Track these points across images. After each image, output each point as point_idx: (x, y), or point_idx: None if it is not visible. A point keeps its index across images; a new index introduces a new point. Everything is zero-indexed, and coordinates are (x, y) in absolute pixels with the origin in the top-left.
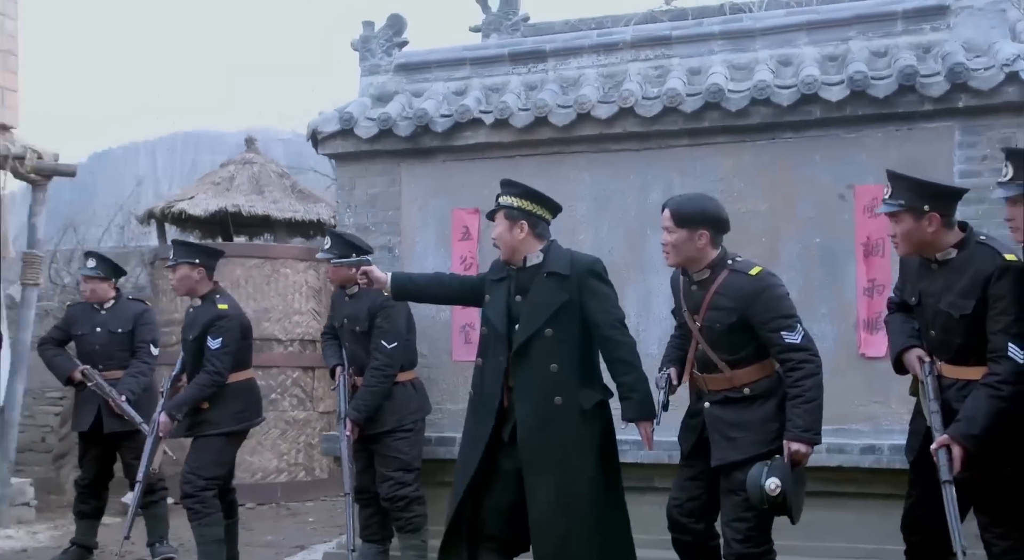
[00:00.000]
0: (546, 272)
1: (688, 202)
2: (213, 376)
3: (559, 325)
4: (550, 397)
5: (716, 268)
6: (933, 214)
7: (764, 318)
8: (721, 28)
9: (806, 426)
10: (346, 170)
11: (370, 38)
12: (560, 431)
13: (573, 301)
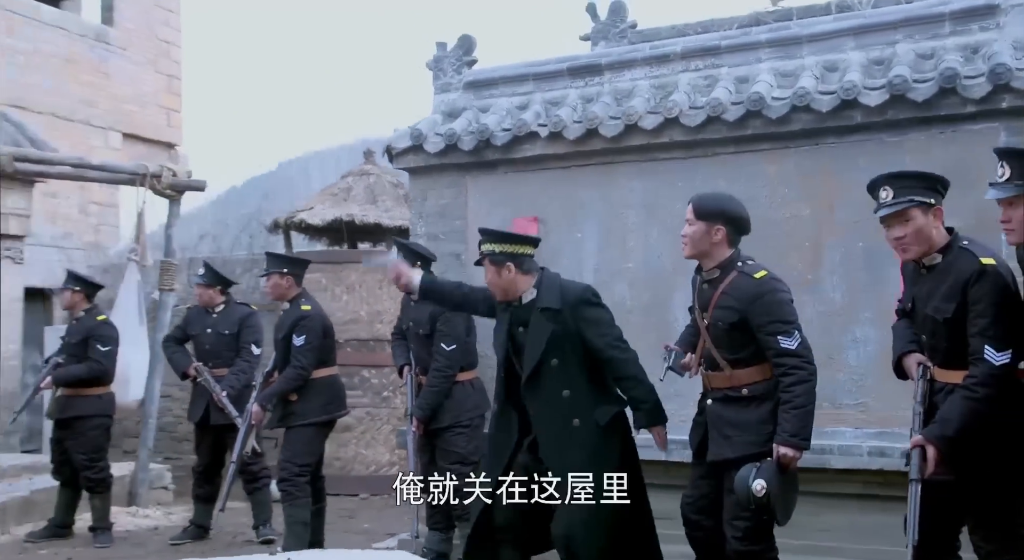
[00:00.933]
0: (540, 307)
1: (711, 198)
2: (298, 370)
3: (563, 355)
4: (568, 420)
5: (726, 268)
6: (938, 210)
7: (762, 321)
8: (768, 36)
9: (794, 431)
10: (418, 183)
11: (442, 58)
12: (582, 451)
13: (570, 331)
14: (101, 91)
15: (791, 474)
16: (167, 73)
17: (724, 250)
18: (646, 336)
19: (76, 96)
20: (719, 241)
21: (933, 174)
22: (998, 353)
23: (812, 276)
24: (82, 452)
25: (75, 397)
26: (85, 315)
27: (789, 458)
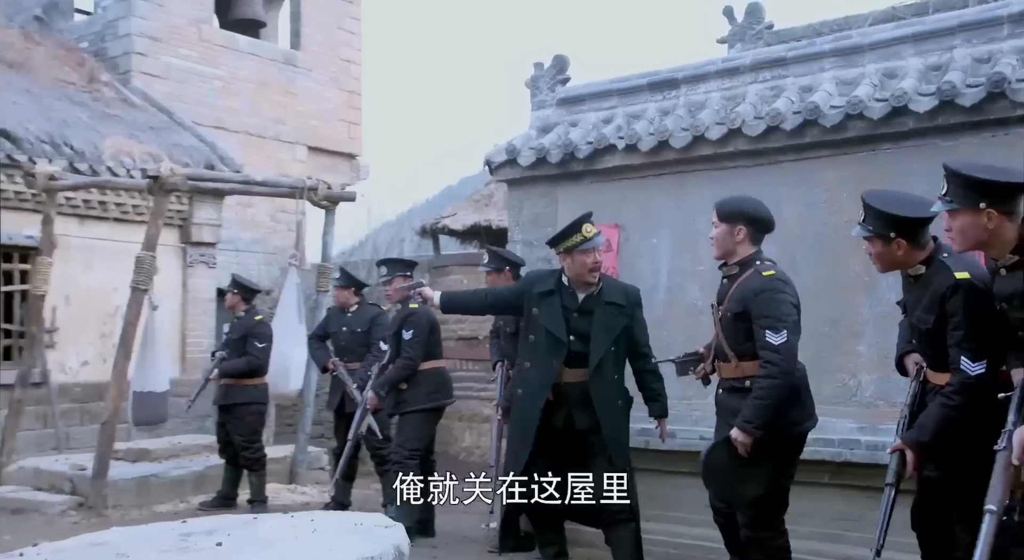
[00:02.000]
0: (606, 300)
1: (731, 201)
2: (407, 361)
3: (618, 344)
4: (616, 399)
5: (745, 265)
6: (900, 240)
7: (757, 314)
8: (832, 46)
9: (748, 418)
10: (514, 193)
11: (539, 77)
12: (624, 425)
13: (628, 326)
14: (289, 109)
15: (743, 459)
16: (348, 89)
17: (747, 248)
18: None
19: (267, 115)
20: (742, 240)
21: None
22: (973, 363)
23: (868, 278)
24: (241, 434)
25: (235, 386)
26: (244, 315)
27: (738, 441)
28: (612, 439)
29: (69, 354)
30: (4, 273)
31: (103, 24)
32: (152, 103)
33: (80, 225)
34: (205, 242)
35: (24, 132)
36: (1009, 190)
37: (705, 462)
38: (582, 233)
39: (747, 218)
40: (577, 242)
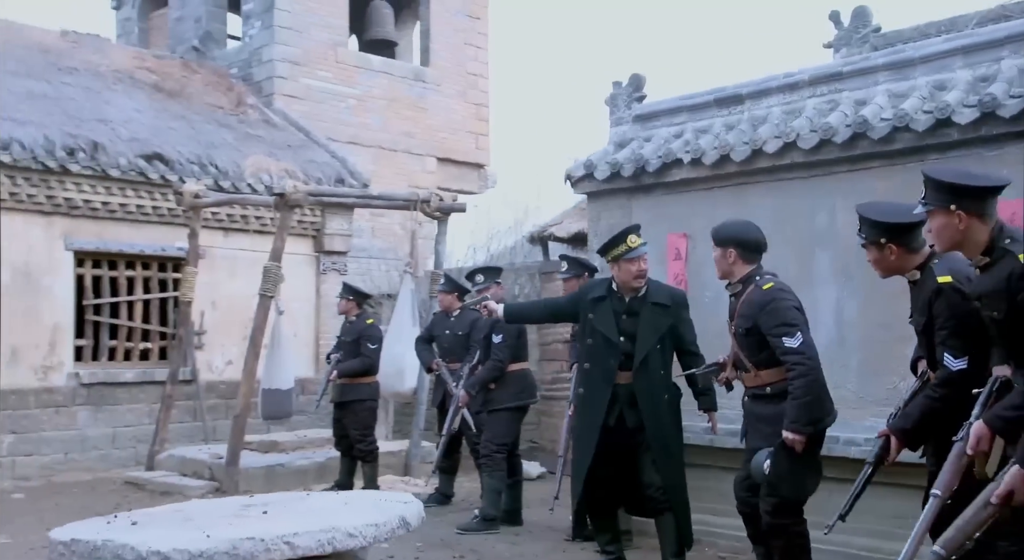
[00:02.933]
0: (652, 302)
1: (721, 227)
2: (496, 363)
3: (664, 343)
4: (661, 395)
5: (746, 282)
6: (891, 245)
7: (767, 325)
8: (885, 60)
9: (795, 418)
10: (593, 205)
11: (617, 95)
12: (669, 419)
13: (673, 325)
14: (419, 123)
15: (801, 456)
16: (475, 102)
17: (741, 268)
18: None
19: (398, 129)
20: (734, 261)
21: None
22: (955, 360)
23: None
24: (356, 428)
25: (350, 385)
26: (356, 319)
27: (791, 441)
28: (656, 434)
29: (215, 354)
30: (159, 281)
31: (249, 51)
32: (291, 122)
33: (225, 237)
34: (336, 251)
35: (176, 154)
36: (976, 193)
37: (772, 471)
38: (627, 243)
39: (736, 241)
40: (623, 252)
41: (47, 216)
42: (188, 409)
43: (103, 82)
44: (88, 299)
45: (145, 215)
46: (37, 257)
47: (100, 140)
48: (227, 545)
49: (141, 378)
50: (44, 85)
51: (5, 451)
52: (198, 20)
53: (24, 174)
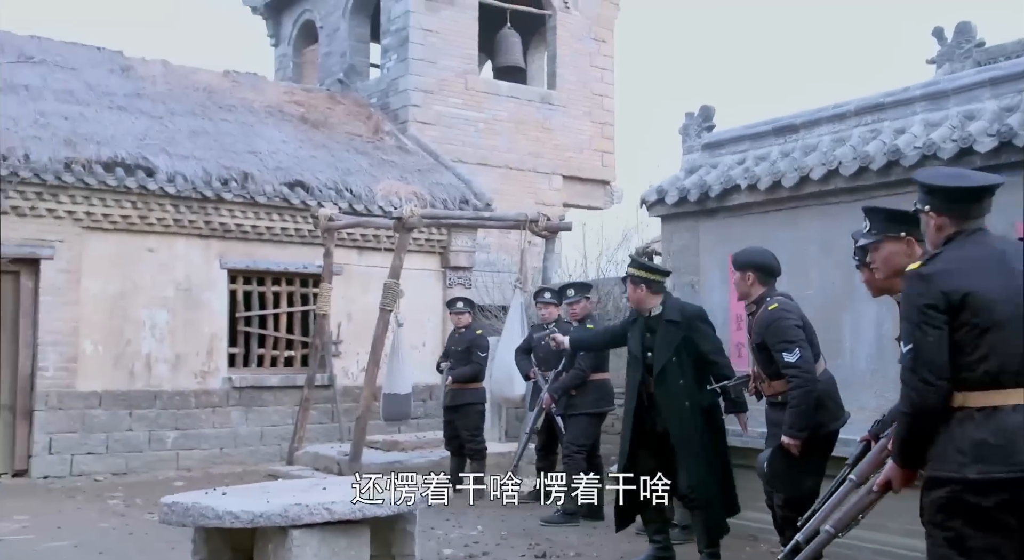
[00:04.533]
0: (666, 319)
1: (741, 253)
2: (579, 371)
3: (681, 355)
4: (682, 402)
5: (760, 303)
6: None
7: (771, 342)
8: (922, 91)
9: (790, 424)
10: (665, 227)
11: (688, 125)
12: (691, 423)
13: (687, 338)
14: (545, 143)
15: (798, 457)
16: (600, 121)
17: (757, 289)
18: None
19: (525, 150)
20: (752, 283)
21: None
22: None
23: None
24: (467, 429)
25: (462, 390)
26: (466, 330)
27: (787, 444)
28: (679, 437)
29: (351, 362)
30: (301, 296)
31: (387, 82)
32: (423, 147)
33: (359, 255)
34: (461, 266)
35: (315, 181)
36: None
37: (768, 469)
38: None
39: (754, 265)
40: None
41: (205, 239)
42: (326, 411)
43: (256, 117)
44: (240, 312)
45: (288, 237)
46: (197, 275)
47: (250, 170)
48: (280, 508)
49: (285, 382)
50: (205, 122)
51: (170, 445)
52: (343, 54)
53: (186, 203)
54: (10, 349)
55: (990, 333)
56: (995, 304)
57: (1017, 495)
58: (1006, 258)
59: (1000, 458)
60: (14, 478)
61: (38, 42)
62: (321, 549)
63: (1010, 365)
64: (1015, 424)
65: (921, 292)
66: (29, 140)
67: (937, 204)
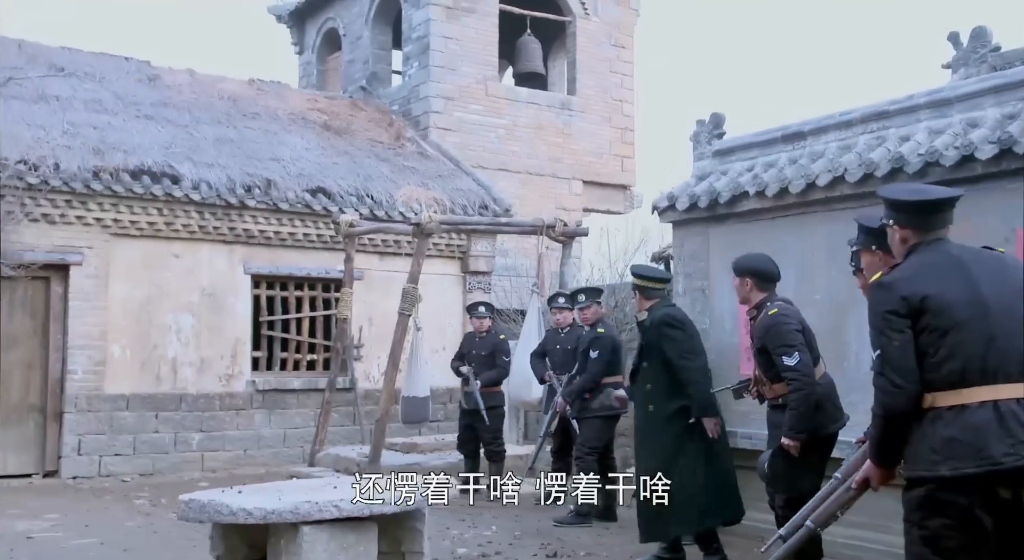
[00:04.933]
0: (646, 325)
1: (740, 259)
2: (592, 375)
3: (649, 360)
4: (646, 406)
5: (760, 308)
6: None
7: (771, 346)
8: (927, 99)
9: (789, 426)
10: (677, 233)
11: (699, 132)
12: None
13: (653, 344)
14: (564, 149)
15: (797, 458)
16: (620, 127)
17: (757, 294)
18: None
19: (545, 155)
20: (751, 289)
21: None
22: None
23: None
24: (488, 432)
25: (485, 393)
26: (488, 334)
27: (787, 445)
28: (640, 439)
29: (372, 366)
30: (323, 300)
31: (409, 89)
32: (443, 153)
33: (380, 260)
34: (481, 271)
35: (337, 187)
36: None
37: (769, 470)
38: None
39: (752, 272)
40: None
41: (229, 245)
42: (348, 414)
43: (280, 124)
44: (263, 316)
45: (311, 242)
46: (221, 281)
47: (273, 177)
48: (291, 506)
49: (307, 386)
50: (230, 130)
51: (195, 447)
52: (366, 62)
53: (210, 209)
54: (41, 353)
55: (951, 334)
56: (954, 306)
57: (990, 491)
58: (963, 263)
59: (969, 454)
60: (45, 478)
61: (68, 53)
62: (330, 545)
63: (973, 364)
64: (981, 420)
65: (882, 300)
66: (59, 149)
67: (900, 217)
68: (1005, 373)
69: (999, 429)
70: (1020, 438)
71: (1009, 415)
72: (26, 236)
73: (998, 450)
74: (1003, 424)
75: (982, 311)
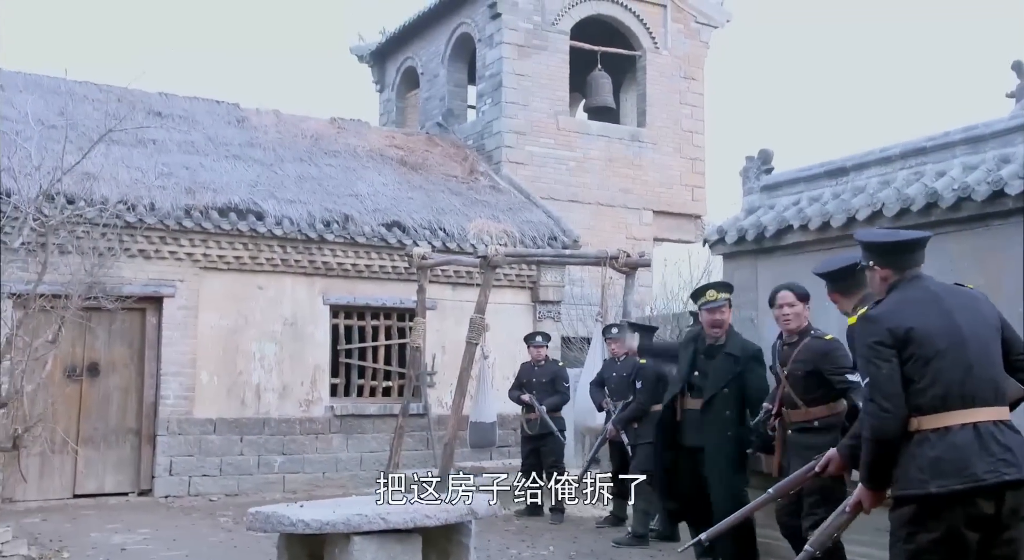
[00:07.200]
0: (726, 351)
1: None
2: (638, 405)
3: (731, 387)
4: (725, 431)
5: (803, 334)
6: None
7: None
8: (962, 136)
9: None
10: (727, 265)
11: (748, 168)
12: (726, 452)
13: (740, 373)
14: (635, 180)
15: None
16: (691, 157)
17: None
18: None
19: (615, 186)
20: (806, 315)
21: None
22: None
23: None
24: (551, 455)
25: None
26: (547, 362)
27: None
28: (712, 460)
29: (445, 392)
30: (398, 329)
31: (482, 124)
32: (515, 186)
33: (453, 290)
34: (551, 300)
35: (411, 221)
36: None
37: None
38: (705, 297)
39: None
40: (703, 303)
41: (309, 277)
42: (421, 438)
43: (358, 161)
44: (341, 345)
45: (386, 274)
46: (302, 311)
47: (350, 212)
48: (343, 518)
49: (383, 411)
50: (311, 168)
51: (277, 469)
52: (442, 99)
53: (292, 244)
54: (136, 379)
55: (933, 362)
56: (935, 337)
57: (974, 507)
58: (940, 297)
59: (954, 472)
60: (140, 496)
61: (165, 99)
62: (379, 554)
63: (954, 389)
64: (964, 441)
65: (870, 332)
66: (154, 189)
67: (878, 259)
68: (982, 397)
69: (980, 449)
70: (999, 456)
71: (988, 436)
72: (124, 271)
73: (980, 468)
74: (983, 444)
75: (960, 341)
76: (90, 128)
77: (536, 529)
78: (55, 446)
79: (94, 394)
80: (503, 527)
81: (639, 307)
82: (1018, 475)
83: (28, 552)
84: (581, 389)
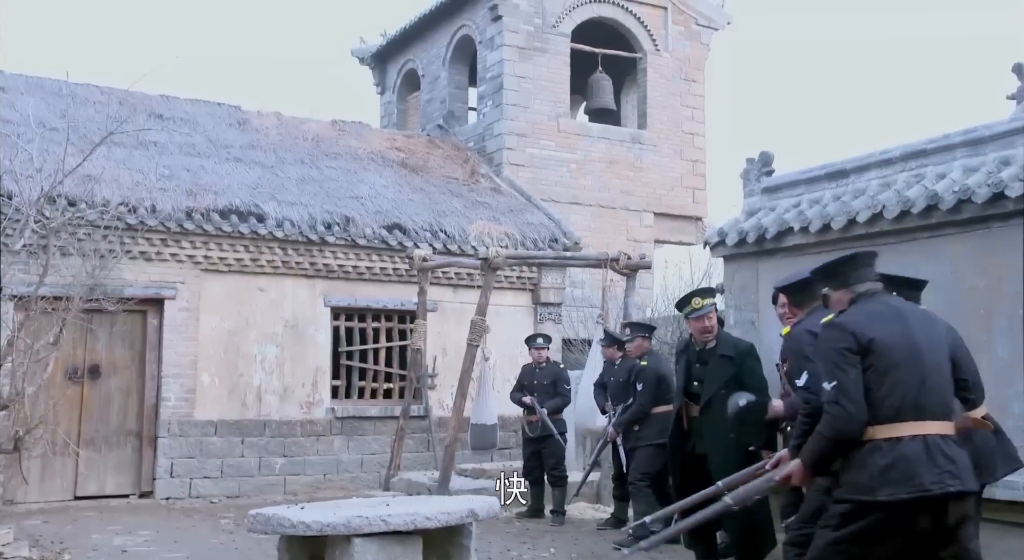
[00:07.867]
0: (719, 353)
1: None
2: (638, 407)
3: (729, 388)
4: (726, 435)
5: None
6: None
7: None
8: (963, 138)
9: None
10: (727, 267)
11: (749, 170)
12: (731, 455)
13: (737, 374)
14: (635, 182)
15: None
16: (691, 159)
17: None
18: None
19: (616, 188)
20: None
21: None
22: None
23: (987, 337)
24: (551, 458)
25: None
26: (548, 364)
27: None
28: (718, 464)
29: (445, 394)
30: (399, 331)
31: (483, 127)
32: (516, 188)
33: (453, 292)
34: (551, 303)
35: (412, 223)
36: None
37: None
38: (691, 305)
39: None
40: (688, 311)
41: (310, 279)
42: (422, 440)
43: (359, 163)
44: (342, 347)
45: (387, 276)
46: (303, 313)
47: (351, 214)
48: (344, 519)
49: (383, 413)
50: (312, 170)
51: (278, 471)
52: (443, 101)
53: (293, 246)
54: (137, 381)
55: (890, 373)
56: (893, 349)
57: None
58: (902, 313)
59: (902, 481)
60: (141, 498)
61: (167, 101)
62: (379, 556)
63: (908, 401)
64: (912, 452)
65: (836, 337)
66: (156, 192)
67: (826, 282)
68: (932, 411)
69: (928, 460)
70: (945, 468)
71: (935, 448)
72: (125, 273)
73: (927, 478)
74: (931, 456)
75: (916, 355)
76: (92, 130)
77: (537, 531)
78: (56, 448)
79: (95, 396)
80: (504, 529)
81: (640, 309)
82: (961, 487)
83: (29, 554)
84: (582, 391)
